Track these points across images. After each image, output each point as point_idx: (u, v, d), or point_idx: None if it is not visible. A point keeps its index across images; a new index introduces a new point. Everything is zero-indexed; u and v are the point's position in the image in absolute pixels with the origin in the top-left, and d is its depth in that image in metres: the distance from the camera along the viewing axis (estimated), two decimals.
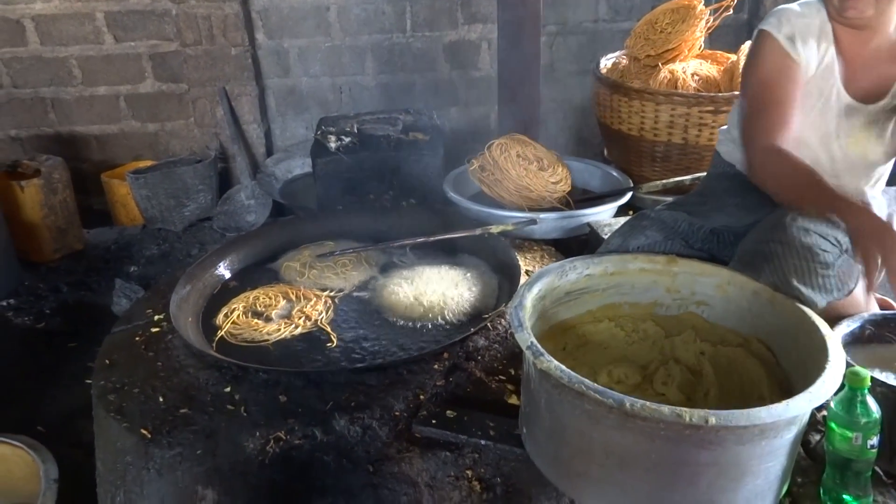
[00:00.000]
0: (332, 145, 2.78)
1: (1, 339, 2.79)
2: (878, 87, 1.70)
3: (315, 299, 2.07)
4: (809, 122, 1.76)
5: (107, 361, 1.83)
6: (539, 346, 1.34)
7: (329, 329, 1.95)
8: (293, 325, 1.96)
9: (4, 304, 2.99)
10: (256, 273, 2.29)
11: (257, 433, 1.54)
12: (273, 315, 2.00)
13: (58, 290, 3.15)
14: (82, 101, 3.92)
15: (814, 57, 1.71)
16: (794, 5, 1.75)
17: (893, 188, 2.05)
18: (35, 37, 3.76)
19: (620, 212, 2.61)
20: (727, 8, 2.73)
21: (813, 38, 1.70)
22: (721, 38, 3.61)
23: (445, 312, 2.00)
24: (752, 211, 1.81)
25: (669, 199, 2.33)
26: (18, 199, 3.27)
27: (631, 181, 2.73)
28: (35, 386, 2.52)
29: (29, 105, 3.89)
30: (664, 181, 2.62)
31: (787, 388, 1.47)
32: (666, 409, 1.17)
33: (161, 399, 1.66)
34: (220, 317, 2.01)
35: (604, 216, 2.52)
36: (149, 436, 1.56)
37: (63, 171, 3.43)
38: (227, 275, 2.26)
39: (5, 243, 3.12)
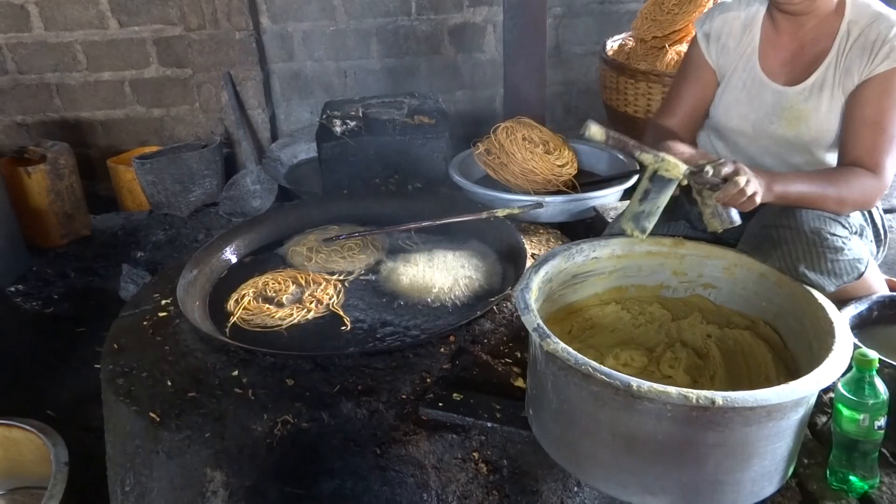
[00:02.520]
0: (338, 129, 2.77)
1: (10, 324, 2.80)
2: (806, 69, 1.70)
3: (325, 283, 2.08)
4: (740, 112, 1.80)
5: (115, 346, 1.84)
6: (546, 328, 1.34)
7: (342, 312, 1.96)
8: (305, 310, 1.96)
9: (13, 289, 3.01)
10: (263, 258, 2.29)
11: (265, 416, 1.55)
12: (284, 300, 2.01)
13: (65, 275, 3.17)
14: (87, 86, 3.91)
15: (728, 54, 1.81)
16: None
17: None
18: (39, 22, 3.75)
19: (626, 195, 2.60)
20: None
21: (728, 36, 1.80)
22: None
23: (452, 295, 2.00)
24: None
25: None
26: (25, 184, 3.28)
27: (638, 164, 2.71)
28: (44, 370, 2.54)
29: (34, 91, 3.89)
30: None
31: (793, 370, 1.47)
32: (673, 390, 1.17)
33: (169, 383, 1.67)
34: (231, 302, 2.01)
35: (609, 199, 2.51)
36: (158, 419, 1.57)
37: (69, 156, 3.43)
38: (234, 259, 2.27)
39: (13, 229, 3.13)
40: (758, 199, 1.48)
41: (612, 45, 2.90)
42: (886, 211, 3.15)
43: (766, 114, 1.76)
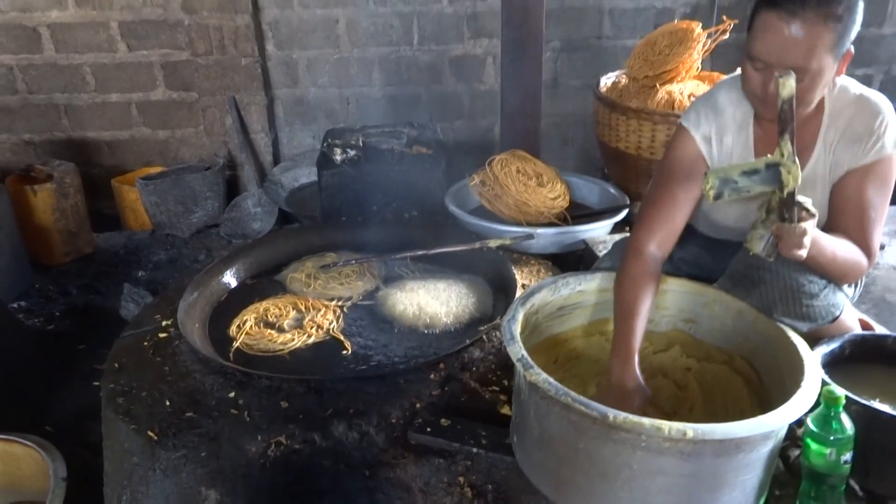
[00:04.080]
0: (338, 158, 2.85)
1: (12, 340, 2.85)
2: None
3: (324, 309, 2.15)
4: (741, 210, 1.78)
5: (116, 365, 1.90)
6: (529, 358, 1.41)
7: (342, 337, 2.03)
8: (306, 335, 2.03)
9: (16, 305, 3.07)
10: (262, 283, 2.36)
11: (259, 437, 1.61)
12: (285, 325, 2.07)
13: (67, 292, 3.23)
14: (95, 107, 4.01)
15: (730, 149, 1.73)
16: (719, 95, 1.73)
17: None
18: (50, 44, 3.85)
19: (616, 228, 2.68)
20: (724, 32, 2.79)
21: (730, 133, 1.72)
22: (723, 57, 3.67)
23: (444, 323, 2.07)
24: (719, 249, 1.88)
25: None
26: (31, 202, 3.35)
27: (628, 198, 2.80)
28: (44, 386, 2.58)
29: (43, 110, 3.98)
30: None
31: (767, 405, 1.52)
32: (646, 421, 1.24)
33: (168, 403, 1.73)
34: (234, 328, 2.07)
35: (599, 233, 2.58)
36: (155, 438, 1.63)
37: (75, 176, 3.51)
38: (233, 283, 2.34)
39: (17, 246, 3.20)
40: (803, 255, 1.42)
41: (606, 81, 2.99)
42: None
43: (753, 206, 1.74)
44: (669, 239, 1.72)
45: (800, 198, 1.41)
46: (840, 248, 1.57)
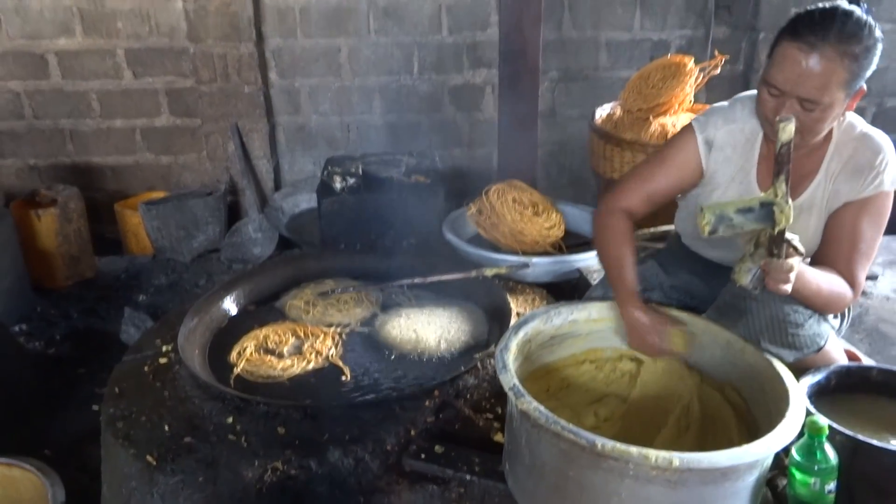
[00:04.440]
0: (338, 186, 2.90)
1: (12, 363, 2.88)
2: (797, 188, 1.70)
3: (323, 335, 2.18)
4: None
5: (116, 389, 1.93)
6: (521, 387, 1.44)
7: (341, 364, 2.06)
8: (305, 361, 2.06)
9: (17, 328, 3.10)
10: (262, 309, 2.40)
11: (256, 463, 1.63)
12: (284, 351, 2.11)
13: (68, 316, 3.26)
14: (100, 133, 4.08)
15: (729, 165, 1.78)
16: (735, 106, 1.79)
17: None
18: (57, 71, 3.93)
19: None
20: (715, 66, 2.86)
21: (732, 148, 1.77)
22: (717, 89, 3.75)
23: (440, 350, 2.11)
24: (710, 277, 1.93)
25: (659, 245, 2.44)
26: (35, 227, 3.40)
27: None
28: (44, 410, 2.61)
29: (48, 135, 4.05)
30: (652, 230, 2.73)
31: (755, 435, 1.55)
32: (634, 450, 1.27)
33: (167, 427, 1.76)
34: (234, 354, 2.11)
35: (594, 262, 2.62)
36: (154, 462, 1.65)
37: (78, 201, 3.57)
38: (233, 310, 2.37)
39: (20, 270, 3.24)
40: (788, 289, 1.48)
41: (601, 113, 3.06)
42: (867, 278, 3.28)
43: None
44: (640, 209, 1.86)
45: (789, 235, 1.46)
46: (824, 281, 1.61)
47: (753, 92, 1.75)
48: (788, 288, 1.47)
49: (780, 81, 1.55)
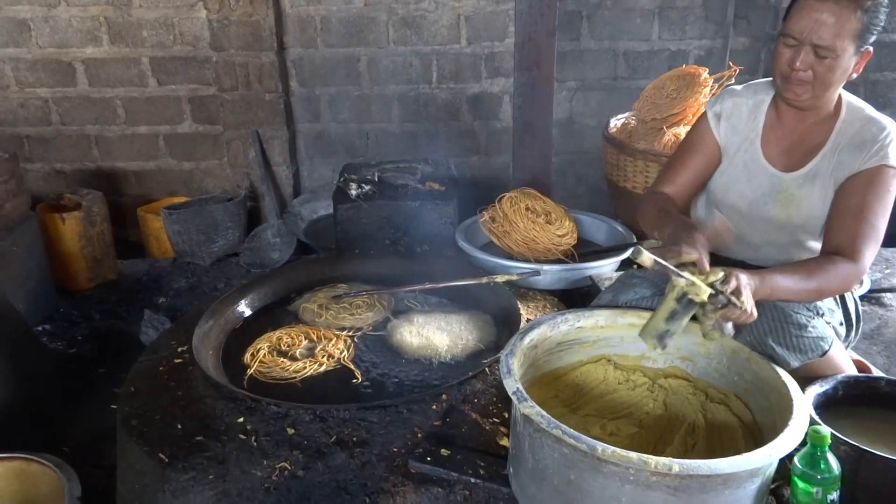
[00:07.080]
0: (353, 192, 2.94)
1: (35, 362, 2.94)
2: (803, 158, 1.85)
3: (336, 338, 2.22)
4: (738, 190, 1.95)
5: (132, 389, 1.98)
6: (524, 391, 1.46)
7: (353, 366, 2.09)
8: (317, 363, 2.10)
9: (40, 329, 3.17)
10: (276, 312, 2.44)
11: (265, 462, 1.66)
12: (297, 354, 2.15)
13: (90, 317, 3.33)
14: (124, 138, 4.17)
15: (735, 134, 1.95)
16: (744, 87, 2.00)
17: None
18: (84, 78, 4.02)
19: (623, 266, 2.72)
20: (730, 77, 2.87)
21: (738, 119, 1.95)
22: None
23: (449, 355, 2.13)
24: None
25: None
26: (59, 230, 3.48)
27: (634, 237, 2.85)
28: (64, 408, 2.67)
29: (74, 141, 4.15)
30: None
31: (760, 443, 1.55)
32: (634, 455, 1.28)
33: (179, 426, 1.80)
34: (248, 356, 2.15)
35: (606, 270, 2.63)
36: (166, 460, 1.69)
37: (102, 205, 3.65)
38: (248, 312, 2.41)
39: (44, 272, 3.32)
40: (755, 314, 1.54)
41: (616, 123, 3.07)
42: (886, 290, 3.25)
43: (762, 194, 1.90)
44: (678, 192, 1.99)
45: (717, 285, 1.52)
46: (803, 274, 1.65)
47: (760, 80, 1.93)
48: (755, 313, 1.54)
49: (797, 31, 1.68)
